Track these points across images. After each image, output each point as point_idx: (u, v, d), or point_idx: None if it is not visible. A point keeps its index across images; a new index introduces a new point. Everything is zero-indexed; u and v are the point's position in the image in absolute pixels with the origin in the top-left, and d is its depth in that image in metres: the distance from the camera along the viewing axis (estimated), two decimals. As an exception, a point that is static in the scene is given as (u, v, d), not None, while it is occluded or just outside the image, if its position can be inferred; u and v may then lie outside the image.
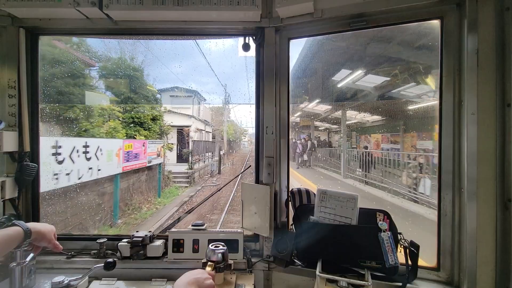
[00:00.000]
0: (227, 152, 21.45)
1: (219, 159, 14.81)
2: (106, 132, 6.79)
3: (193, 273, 0.84)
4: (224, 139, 20.17)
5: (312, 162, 12.25)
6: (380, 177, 7.19)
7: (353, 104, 8.79)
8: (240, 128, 31.89)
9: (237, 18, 1.22)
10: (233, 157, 23.18)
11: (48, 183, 4.42)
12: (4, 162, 1.26)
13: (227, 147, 21.68)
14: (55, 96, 5.59)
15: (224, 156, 17.76)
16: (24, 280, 1.07)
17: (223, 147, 18.81)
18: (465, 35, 1.01)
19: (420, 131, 8.35)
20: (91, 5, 1.15)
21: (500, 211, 0.95)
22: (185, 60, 23.28)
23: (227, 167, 16.67)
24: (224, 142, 20.10)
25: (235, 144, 31.26)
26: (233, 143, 28.65)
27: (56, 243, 1.05)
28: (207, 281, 0.82)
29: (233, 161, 19.69)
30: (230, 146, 24.65)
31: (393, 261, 0.98)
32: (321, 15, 1.15)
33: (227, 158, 20.06)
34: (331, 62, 5.83)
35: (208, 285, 0.82)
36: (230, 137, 23.56)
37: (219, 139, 19.67)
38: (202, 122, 16.64)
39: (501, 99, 0.96)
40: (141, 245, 1.23)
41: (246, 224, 1.33)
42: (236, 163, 18.42)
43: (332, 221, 1.10)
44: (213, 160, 14.90)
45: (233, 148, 28.92)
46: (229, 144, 23.96)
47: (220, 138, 20.06)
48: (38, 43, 1.35)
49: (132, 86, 8.66)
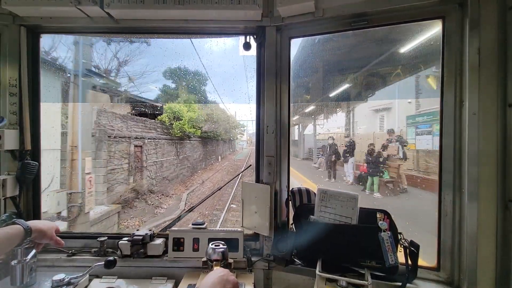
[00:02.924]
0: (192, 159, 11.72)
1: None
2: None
3: (215, 272, 0.85)
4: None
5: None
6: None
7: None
8: (234, 120, 19.58)
9: (238, 17, 1.21)
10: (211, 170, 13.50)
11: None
12: (5, 160, 1.26)
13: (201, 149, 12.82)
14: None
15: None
16: (25, 277, 1.08)
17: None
18: (467, 34, 1.00)
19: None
20: (92, 4, 1.15)
21: (500, 212, 0.95)
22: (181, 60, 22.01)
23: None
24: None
25: (225, 145, 21.00)
26: (221, 142, 18.38)
27: (58, 239, 1.05)
28: (230, 277, 0.83)
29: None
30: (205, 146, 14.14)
31: (393, 261, 0.98)
32: (322, 14, 1.15)
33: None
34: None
35: (233, 280, 0.83)
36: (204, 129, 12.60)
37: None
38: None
39: (502, 99, 0.95)
40: (141, 244, 1.24)
41: (246, 223, 1.33)
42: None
43: (332, 221, 1.10)
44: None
45: (220, 149, 18.69)
46: (205, 144, 14.00)
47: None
48: (39, 41, 1.36)
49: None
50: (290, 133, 1.33)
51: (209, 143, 15.42)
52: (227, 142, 22.48)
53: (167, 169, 9.56)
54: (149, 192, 8.02)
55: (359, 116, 11.23)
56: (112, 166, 6.54)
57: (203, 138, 13.73)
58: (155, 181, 8.61)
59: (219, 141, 18.33)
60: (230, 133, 20.23)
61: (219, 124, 15.06)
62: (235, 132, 21.99)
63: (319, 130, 12.32)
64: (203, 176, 12.05)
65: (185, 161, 11.39)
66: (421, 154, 7.26)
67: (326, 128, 11.79)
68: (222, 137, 17.46)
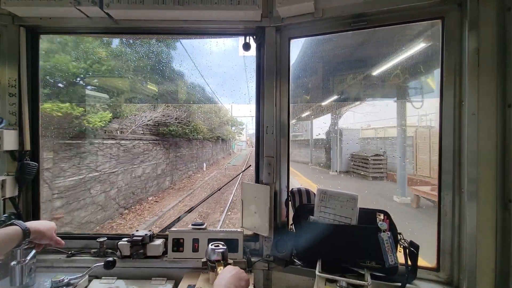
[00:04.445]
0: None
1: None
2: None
3: (227, 270, 0.86)
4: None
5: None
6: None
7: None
8: (227, 113, 15.97)
9: (237, 17, 1.21)
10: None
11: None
12: (5, 160, 1.26)
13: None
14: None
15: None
16: (24, 278, 1.08)
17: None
18: (466, 35, 1.00)
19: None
20: (91, 4, 1.15)
21: (500, 212, 0.95)
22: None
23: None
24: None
25: (216, 146, 15.65)
26: (209, 143, 13.70)
27: (58, 239, 1.05)
28: (242, 274, 0.85)
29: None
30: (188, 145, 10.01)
31: (393, 261, 0.98)
32: (322, 15, 1.15)
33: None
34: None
35: (245, 277, 0.84)
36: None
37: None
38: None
39: (501, 99, 0.95)
40: (141, 244, 1.23)
41: (246, 223, 1.33)
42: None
43: (332, 221, 1.10)
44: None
45: (207, 153, 13.57)
46: (175, 146, 8.76)
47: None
48: (39, 42, 1.36)
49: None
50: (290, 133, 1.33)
51: (183, 144, 9.88)
52: (220, 142, 16.88)
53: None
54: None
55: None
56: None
57: (164, 135, 8.35)
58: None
59: (206, 142, 13.15)
60: (222, 130, 14.91)
61: (211, 120, 10.29)
62: (229, 130, 17.13)
63: (348, 121, 7.83)
64: (153, 209, 6.67)
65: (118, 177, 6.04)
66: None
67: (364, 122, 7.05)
68: (205, 135, 12.12)
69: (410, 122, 6.03)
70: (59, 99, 4.94)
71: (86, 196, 5.25)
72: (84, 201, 5.20)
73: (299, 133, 15.56)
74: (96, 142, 5.60)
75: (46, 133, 4.49)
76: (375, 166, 6.75)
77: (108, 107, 6.04)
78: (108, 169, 5.92)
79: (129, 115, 6.86)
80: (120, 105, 6.38)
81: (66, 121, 4.87)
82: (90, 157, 5.41)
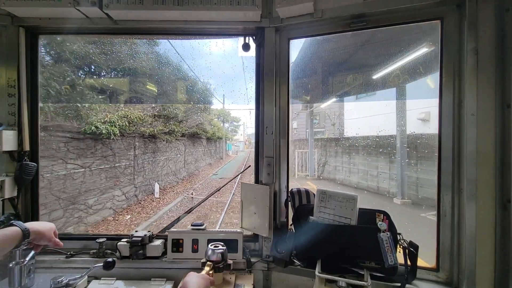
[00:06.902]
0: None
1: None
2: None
3: (192, 274, 0.92)
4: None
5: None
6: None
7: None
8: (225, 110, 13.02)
9: (237, 18, 1.22)
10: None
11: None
12: (4, 161, 1.26)
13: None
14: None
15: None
16: (23, 279, 1.08)
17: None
18: (465, 36, 1.01)
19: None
20: (91, 5, 1.15)
21: (499, 212, 0.95)
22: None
23: None
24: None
25: (201, 147, 11.20)
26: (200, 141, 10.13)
27: (57, 240, 1.05)
28: (206, 275, 0.95)
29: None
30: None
31: (392, 261, 0.98)
32: (321, 16, 1.15)
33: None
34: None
35: (207, 277, 0.94)
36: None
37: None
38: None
39: (500, 100, 0.95)
40: (140, 245, 1.23)
41: (245, 224, 1.33)
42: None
43: (331, 221, 1.10)
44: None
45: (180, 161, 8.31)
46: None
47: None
48: (38, 42, 1.35)
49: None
50: (290, 133, 1.33)
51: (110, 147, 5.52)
52: (204, 143, 12.17)
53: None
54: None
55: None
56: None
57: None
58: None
59: (174, 142, 8.53)
60: (205, 126, 10.36)
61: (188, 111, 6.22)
62: (218, 124, 11.98)
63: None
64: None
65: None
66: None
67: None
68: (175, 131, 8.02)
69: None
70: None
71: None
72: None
73: (321, 129, 10.73)
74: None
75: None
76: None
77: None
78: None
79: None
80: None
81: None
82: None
